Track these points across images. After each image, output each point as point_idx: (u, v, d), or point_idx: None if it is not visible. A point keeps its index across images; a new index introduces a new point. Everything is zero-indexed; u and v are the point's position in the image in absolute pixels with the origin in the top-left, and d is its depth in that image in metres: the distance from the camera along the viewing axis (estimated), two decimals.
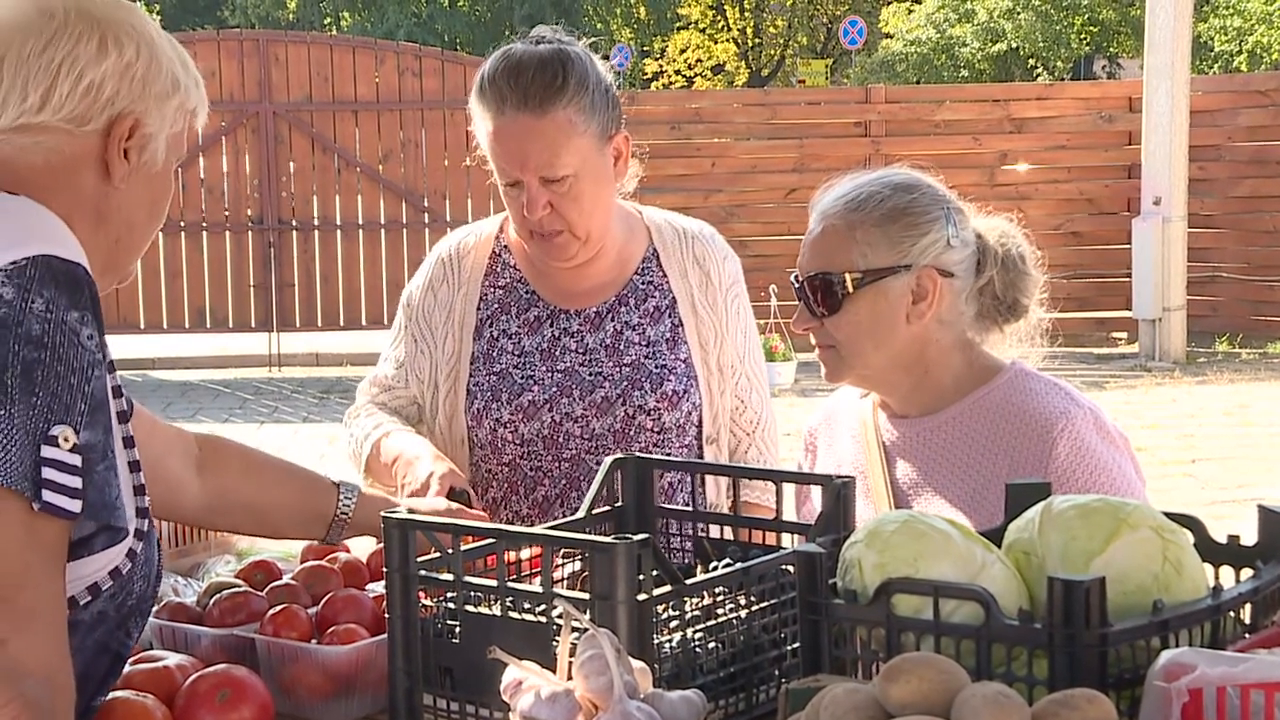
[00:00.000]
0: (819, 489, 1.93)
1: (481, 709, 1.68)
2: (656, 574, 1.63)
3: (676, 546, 2.07)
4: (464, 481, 2.38)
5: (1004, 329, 2.35)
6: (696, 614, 1.70)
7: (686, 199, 12.24)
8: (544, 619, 1.65)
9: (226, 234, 12.83)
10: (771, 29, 35.44)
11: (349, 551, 2.35)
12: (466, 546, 1.75)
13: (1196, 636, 1.47)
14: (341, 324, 12.96)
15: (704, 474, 2.61)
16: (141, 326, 12.58)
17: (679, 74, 34.75)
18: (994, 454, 2.26)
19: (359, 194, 12.90)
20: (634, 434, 2.54)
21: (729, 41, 35.27)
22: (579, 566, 1.91)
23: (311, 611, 2.08)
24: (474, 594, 1.71)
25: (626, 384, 2.54)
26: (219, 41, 13.01)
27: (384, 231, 12.88)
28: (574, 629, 1.50)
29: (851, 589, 1.53)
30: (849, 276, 2.25)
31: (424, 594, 1.75)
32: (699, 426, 2.62)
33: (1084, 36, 27.57)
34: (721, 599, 1.73)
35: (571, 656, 1.46)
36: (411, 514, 1.79)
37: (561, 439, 2.54)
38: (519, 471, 2.57)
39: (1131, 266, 12.31)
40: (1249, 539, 1.62)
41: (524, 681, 1.48)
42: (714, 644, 1.69)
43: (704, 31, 35.42)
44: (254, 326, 12.91)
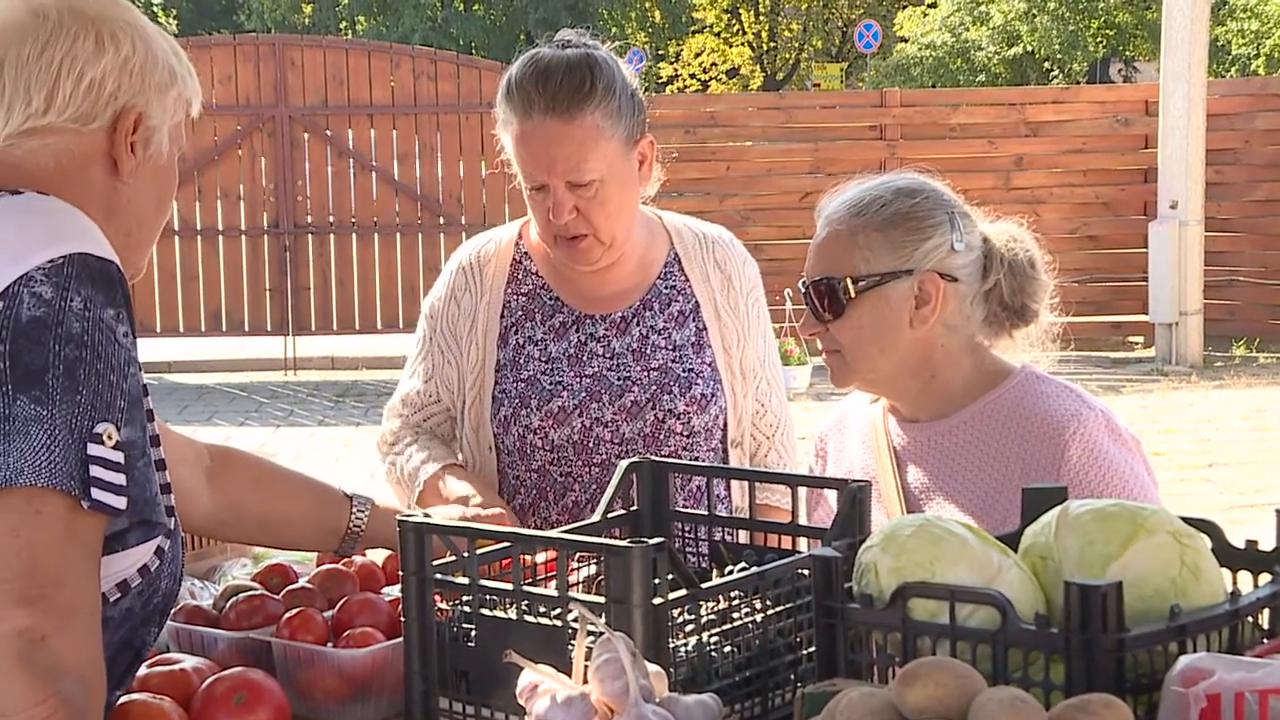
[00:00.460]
0: (833, 493, 1.93)
1: (497, 713, 1.68)
2: (672, 578, 1.63)
3: (692, 550, 2.07)
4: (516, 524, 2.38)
5: (1013, 334, 2.35)
6: (712, 618, 1.70)
7: (702, 203, 12.25)
8: (560, 623, 1.65)
9: (243, 238, 12.86)
10: (786, 33, 35.43)
11: (364, 555, 2.35)
12: (482, 550, 1.75)
13: (1214, 642, 1.46)
14: (357, 328, 12.98)
15: (720, 478, 2.60)
16: (158, 330, 12.61)
17: (694, 78, 34.76)
18: (1005, 457, 2.25)
19: (374, 198, 12.92)
20: (664, 438, 2.54)
21: (744, 45, 35.26)
22: (594, 570, 1.91)
23: (327, 615, 2.08)
24: (490, 598, 1.71)
25: (655, 388, 2.54)
26: (235, 46, 13.04)
27: (399, 235, 12.90)
28: (590, 633, 1.50)
29: (867, 593, 1.52)
30: (850, 281, 2.25)
31: (440, 597, 1.75)
32: (724, 430, 2.62)
33: (1100, 40, 27.50)
34: (737, 603, 1.73)
35: (587, 660, 1.46)
36: (427, 518, 1.79)
37: (592, 444, 2.54)
38: (549, 477, 2.56)
39: (1148, 270, 12.28)
40: (1267, 544, 1.61)
41: (540, 685, 1.48)
42: (730, 648, 1.69)
43: (719, 35, 35.42)
44: (270, 330, 12.93)
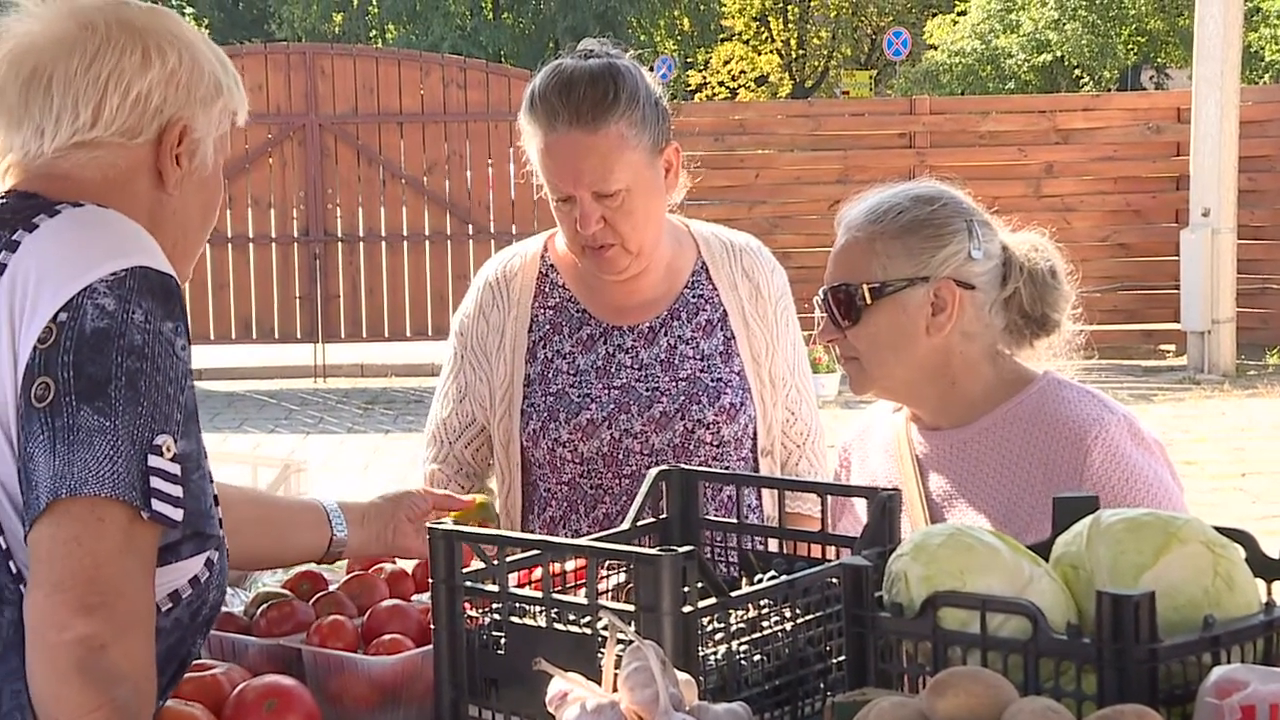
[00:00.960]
0: (860, 501, 1.92)
1: None
2: (702, 586, 1.62)
3: (721, 559, 2.07)
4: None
5: (1035, 343, 2.34)
6: (742, 626, 1.69)
7: (730, 210, 12.24)
8: (589, 631, 1.65)
9: (273, 246, 12.93)
10: (815, 40, 35.41)
11: (394, 562, 2.36)
12: (512, 558, 1.75)
13: (1249, 653, 1.45)
14: (386, 335, 13.02)
15: (750, 486, 2.60)
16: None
17: (722, 85, 34.76)
18: (1028, 464, 2.24)
19: (404, 206, 12.96)
20: (693, 448, 2.53)
21: (773, 53, 35.25)
22: (624, 578, 1.91)
23: (357, 622, 2.09)
24: (519, 605, 1.72)
25: (684, 398, 2.54)
26: (266, 55, 13.13)
27: (428, 243, 12.94)
28: (619, 641, 1.50)
29: (898, 602, 1.52)
30: (867, 287, 2.25)
31: (469, 605, 1.75)
32: (754, 439, 2.61)
33: (1131, 47, 27.39)
34: (767, 611, 1.73)
35: (617, 668, 1.46)
36: (457, 526, 1.79)
37: (622, 456, 2.53)
38: (579, 490, 2.56)
39: (1180, 278, 12.21)
40: None
41: (569, 693, 1.48)
42: (759, 656, 1.69)
43: (748, 43, 35.42)
44: (300, 338, 12.99)
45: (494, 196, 12.95)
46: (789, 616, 1.73)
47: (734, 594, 1.68)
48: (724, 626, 1.67)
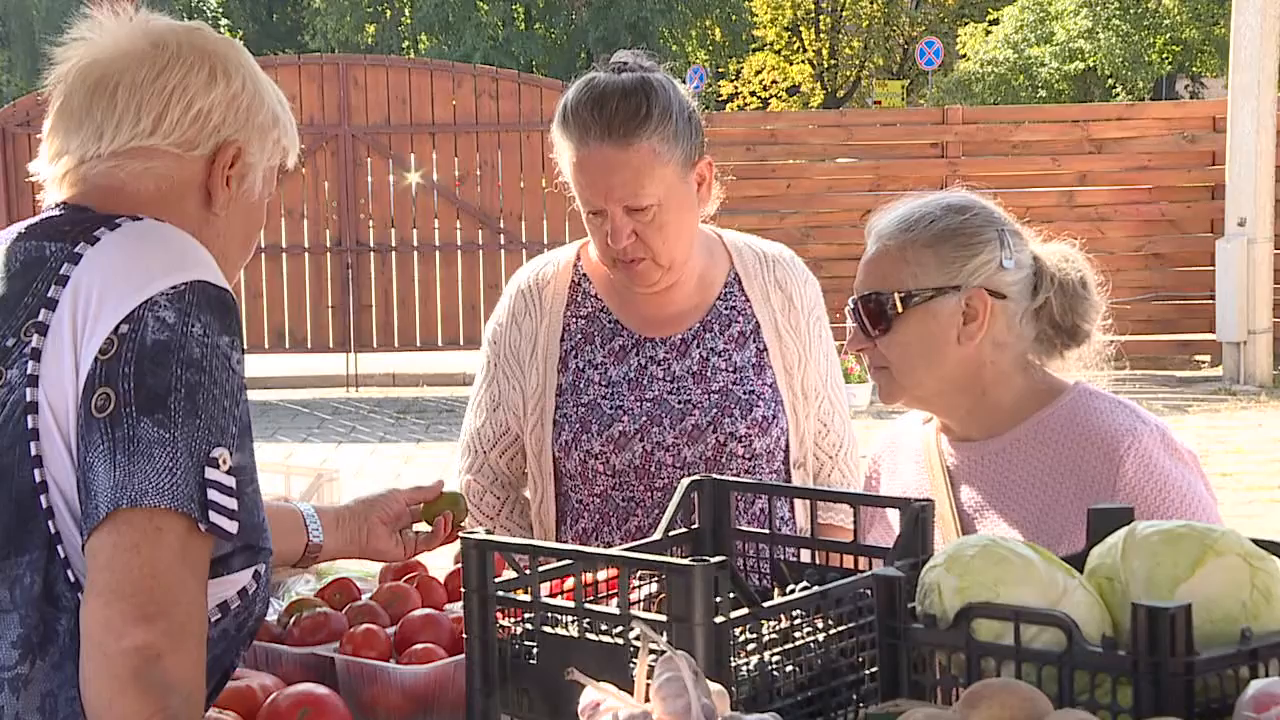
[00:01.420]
0: (890, 511, 1.92)
1: None
2: (734, 596, 1.62)
3: (753, 569, 2.06)
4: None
5: (1065, 354, 2.33)
6: (774, 637, 1.69)
7: (762, 220, 12.23)
8: (621, 641, 1.65)
9: (306, 255, 13.00)
10: (847, 50, 35.37)
11: (427, 571, 2.37)
12: (544, 568, 1.75)
13: None
14: (418, 345, 13.07)
15: (783, 497, 2.59)
16: None
17: (754, 95, 34.75)
18: (1060, 474, 2.23)
19: (436, 216, 13.01)
20: (725, 461, 2.53)
21: (804, 63, 35.23)
22: (656, 588, 1.90)
23: (390, 631, 2.09)
24: (551, 615, 1.72)
25: (716, 411, 2.53)
26: (300, 66, 13.20)
27: (460, 253, 12.99)
28: (651, 651, 1.50)
29: (931, 613, 1.51)
30: (898, 296, 2.24)
31: (501, 614, 1.76)
32: (786, 451, 2.61)
33: (1166, 56, 27.24)
34: (799, 622, 1.72)
35: (649, 678, 1.46)
36: (490, 535, 1.80)
37: (654, 468, 2.53)
38: (611, 502, 2.56)
39: (1215, 288, 12.13)
40: None
41: (601, 703, 1.48)
42: (791, 667, 1.68)
43: (779, 53, 35.41)
44: (332, 347, 13.05)
45: (526, 206, 12.98)
46: (821, 627, 1.72)
47: (766, 604, 1.67)
48: (756, 637, 1.66)
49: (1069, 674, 1.41)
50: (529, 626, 1.73)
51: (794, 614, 1.72)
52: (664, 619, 1.60)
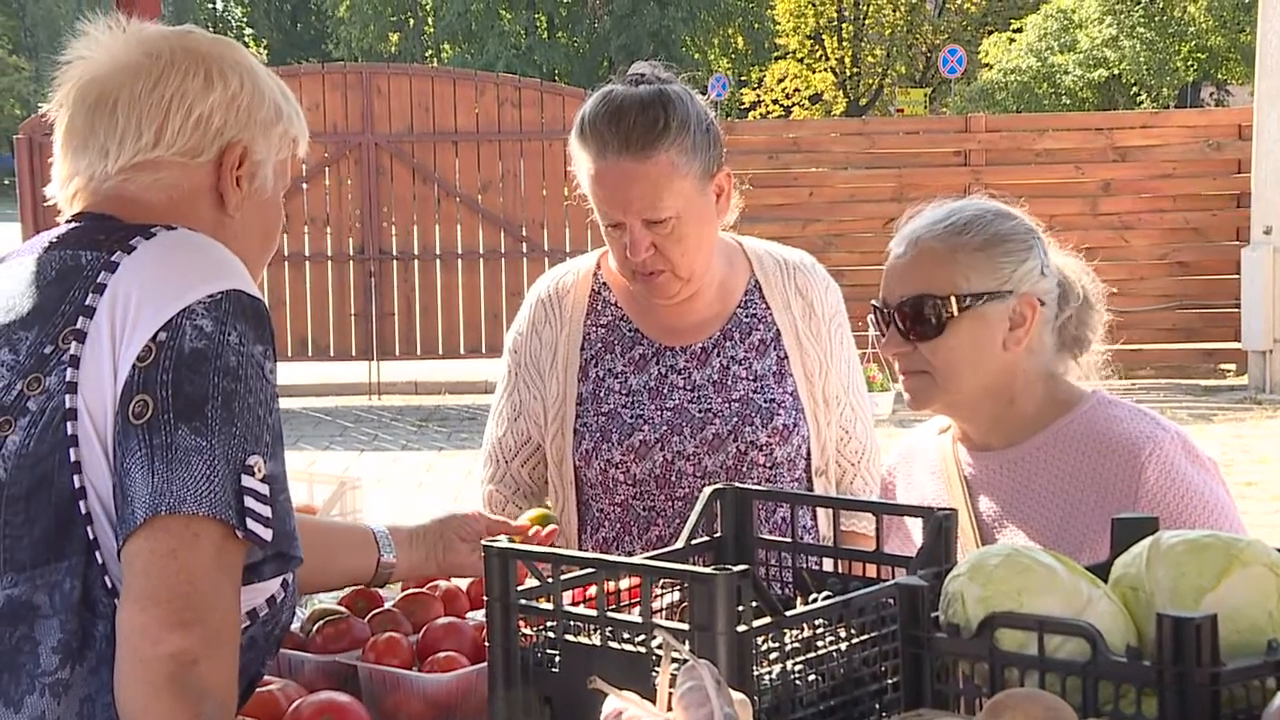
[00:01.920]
0: (911, 520, 1.91)
1: None
2: (756, 605, 1.62)
3: (776, 578, 2.06)
4: None
5: (1074, 361, 2.34)
6: (796, 646, 1.68)
7: (784, 228, 12.22)
8: (644, 649, 1.65)
9: (329, 264, 13.03)
10: (870, 58, 35.33)
11: (449, 580, 2.37)
12: (566, 576, 1.75)
13: None
14: (441, 353, 13.09)
15: (806, 505, 2.59)
16: None
17: (776, 104, 34.73)
18: (1080, 483, 2.23)
19: (458, 224, 13.04)
20: (747, 470, 2.52)
21: (827, 71, 35.20)
22: (678, 597, 1.90)
23: (412, 639, 2.10)
24: (574, 623, 1.72)
25: (737, 420, 2.53)
26: (323, 75, 13.25)
27: (483, 261, 13.01)
28: (674, 660, 1.49)
29: (954, 622, 1.51)
30: (953, 299, 2.22)
31: (524, 623, 1.76)
32: (808, 459, 2.60)
33: (1191, 63, 27.12)
34: (822, 631, 1.72)
35: (671, 687, 1.46)
36: (512, 544, 1.80)
37: (674, 478, 2.52)
38: (631, 511, 2.56)
39: (1240, 297, 12.07)
40: None
41: (624, 712, 1.48)
42: (814, 676, 1.68)
43: (802, 61, 35.38)
44: (355, 355, 13.09)
45: (548, 215, 13.00)
46: (844, 636, 1.72)
47: (789, 613, 1.67)
48: (779, 646, 1.66)
49: (1093, 684, 1.41)
50: (551, 635, 1.73)
51: (816, 623, 1.71)
52: (686, 628, 1.60)
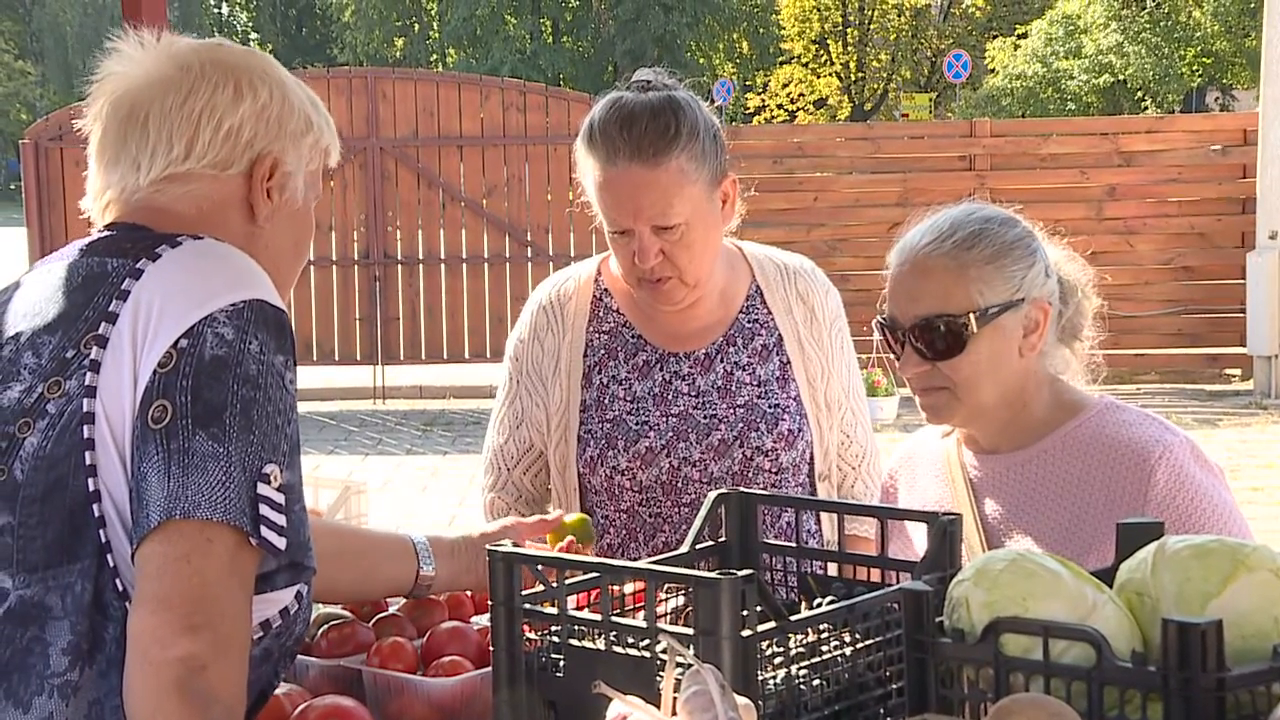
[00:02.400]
0: (913, 524, 1.91)
1: None
2: (761, 610, 1.62)
3: (780, 583, 2.06)
4: None
5: (1072, 350, 2.33)
6: (801, 650, 1.68)
7: (789, 233, 12.23)
8: (648, 654, 1.65)
9: (334, 268, 13.05)
10: (875, 63, 35.35)
11: None
12: (571, 580, 1.75)
13: None
14: (445, 357, 13.10)
15: (808, 509, 2.59)
16: None
17: (781, 108, 34.76)
18: (1088, 487, 2.22)
19: (463, 228, 13.05)
20: (752, 475, 2.52)
21: (832, 76, 35.22)
22: (682, 602, 1.90)
23: (417, 644, 2.10)
24: (578, 628, 1.72)
25: (742, 425, 2.53)
26: (328, 79, 13.27)
27: (487, 265, 13.02)
28: (679, 664, 1.49)
29: (959, 627, 1.50)
30: (973, 316, 2.21)
31: (528, 627, 1.76)
32: (811, 464, 2.60)
33: (1196, 68, 27.12)
34: (826, 636, 1.72)
35: (676, 692, 1.46)
36: (516, 548, 1.80)
37: (680, 484, 2.52)
38: (638, 518, 2.56)
39: (1245, 302, 12.06)
40: None
41: (628, 716, 1.48)
42: (818, 681, 1.68)
43: (806, 66, 35.41)
44: (359, 359, 13.10)
45: (553, 219, 13.00)
46: (849, 641, 1.72)
47: (793, 618, 1.67)
48: (783, 651, 1.66)
49: (1098, 689, 1.40)
50: (555, 639, 1.73)
51: (821, 628, 1.71)
52: (691, 632, 1.60)
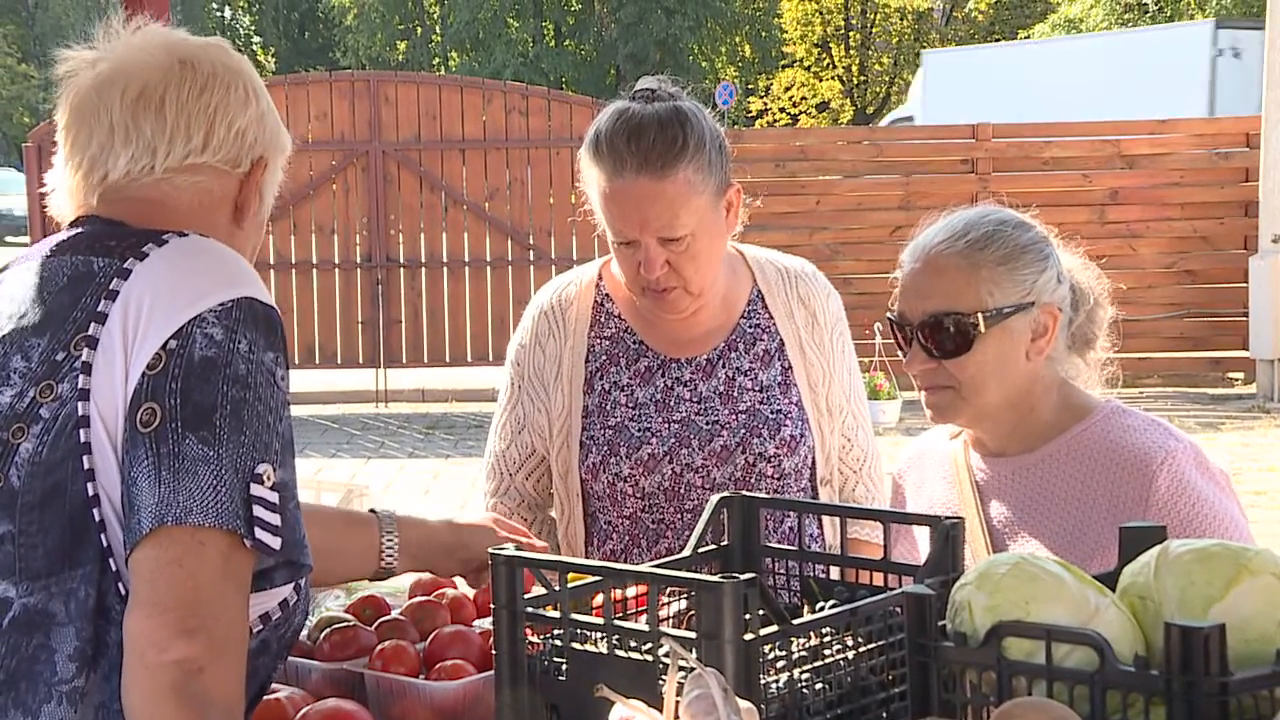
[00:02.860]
0: (918, 528, 1.91)
1: None
2: (763, 613, 1.62)
3: (783, 586, 2.06)
4: None
5: (1084, 359, 2.34)
6: (803, 654, 1.68)
7: (791, 236, 12.22)
8: (651, 658, 1.65)
9: (336, 271, 13.05)
10: (877, 66, 35.36)
11: (456, 587, 2.37)
12: (573, 584, 1.75)
13: None
14: (447, 360, 13.10)
15: (810, 513, 2.58)
16: None
17: (784, 112, 34.77)
18: (1092, 491, 2.23)
19: (465, 231, 13.05)
20: (755, 481, 2.52)
21: (834, 79, 35.24)
22: (685, 605, 1.90)
23: (419, 647, 2.10)
24: (581, 631, 1.72)
25: (745, 431, 2.53)
26: (331, 83, 13.26)
27: (490, 268, 13.02)
28: (681, 668, 1.49)
29: (961, 631, 1.50)
30: (981, 315, 2.22)
31: (531, 630, 1.76)
32: (813, 469, 2.60)
33: None
34: (829, 639, 1.72)
35: (678, 696, 1.46)
36: (519, 552, 1.80)
37: (683, 490, 2.52)
38: (640, 524, 2.55)
39: (1248, 305, 12.05)
40: None
41: None
42: (821, 685, 1.68)
43: (809, 69, 35.42)
44: (362, 362, 13.09)
45: (555, 222, 13.00)
46: (851, 645, 1.72)
47: (796, 622, 1.67)
48: (786, 654, 1.66)
49: (1101, 693, 1.40)
50: (558, 643, 1.73)
51: (824, 631, 1.71)
52: (693, 636, 1.60)
